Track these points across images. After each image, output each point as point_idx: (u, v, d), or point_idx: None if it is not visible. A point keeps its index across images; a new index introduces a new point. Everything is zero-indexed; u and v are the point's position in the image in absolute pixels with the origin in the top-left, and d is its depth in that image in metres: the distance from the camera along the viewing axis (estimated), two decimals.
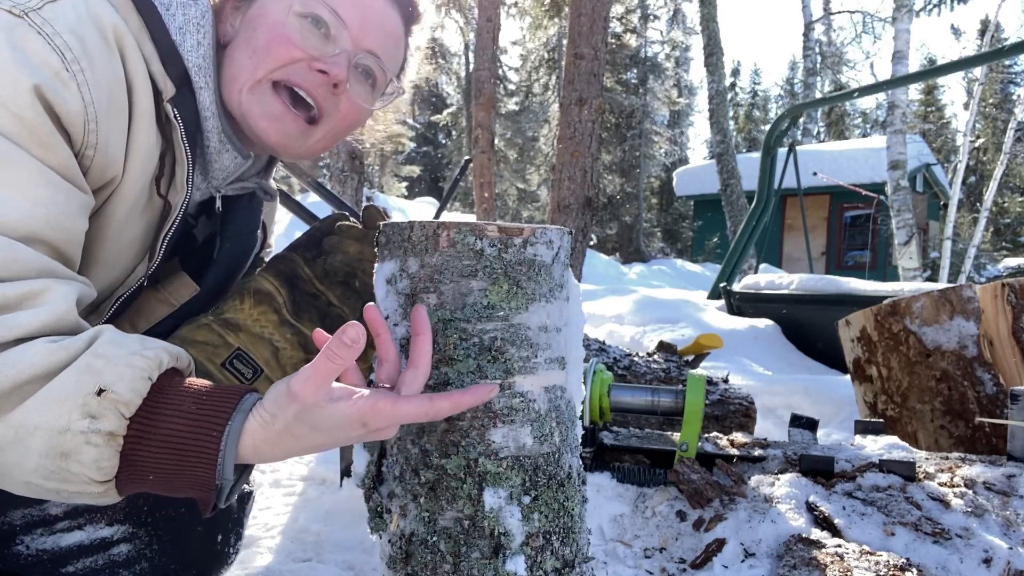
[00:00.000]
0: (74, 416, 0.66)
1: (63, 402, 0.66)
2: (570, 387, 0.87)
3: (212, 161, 1.03)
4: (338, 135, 1.08)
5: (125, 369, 0.68)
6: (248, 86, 0.98)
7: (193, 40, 0.95)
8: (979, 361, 1.99)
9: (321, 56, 0.98)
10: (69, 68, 0.80)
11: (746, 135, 33.07)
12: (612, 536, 1.37)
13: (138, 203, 0.94)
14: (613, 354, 2.36)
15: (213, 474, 0.70)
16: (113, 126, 0.85)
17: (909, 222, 9.30)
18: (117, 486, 0.70)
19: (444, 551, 0.79)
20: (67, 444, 0.66)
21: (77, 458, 0.67)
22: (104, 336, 0.72)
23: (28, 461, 0.67)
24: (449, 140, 24.45)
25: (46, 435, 0.66)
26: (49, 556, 0.98)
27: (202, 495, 0.72)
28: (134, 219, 0.95)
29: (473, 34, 10.62)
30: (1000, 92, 23.47)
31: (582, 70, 3.97)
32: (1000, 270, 16.05)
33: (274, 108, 0.99)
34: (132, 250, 0.98)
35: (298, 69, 0.98)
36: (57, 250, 0.79)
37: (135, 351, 0.71)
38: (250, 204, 1.17)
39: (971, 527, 1.24)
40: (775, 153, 5.40)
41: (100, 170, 0.86)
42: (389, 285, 0.83)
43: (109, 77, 0.84)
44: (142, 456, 0.69)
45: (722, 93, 13.48)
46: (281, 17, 0.97)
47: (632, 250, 18.68)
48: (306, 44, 0.98)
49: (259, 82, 0.98)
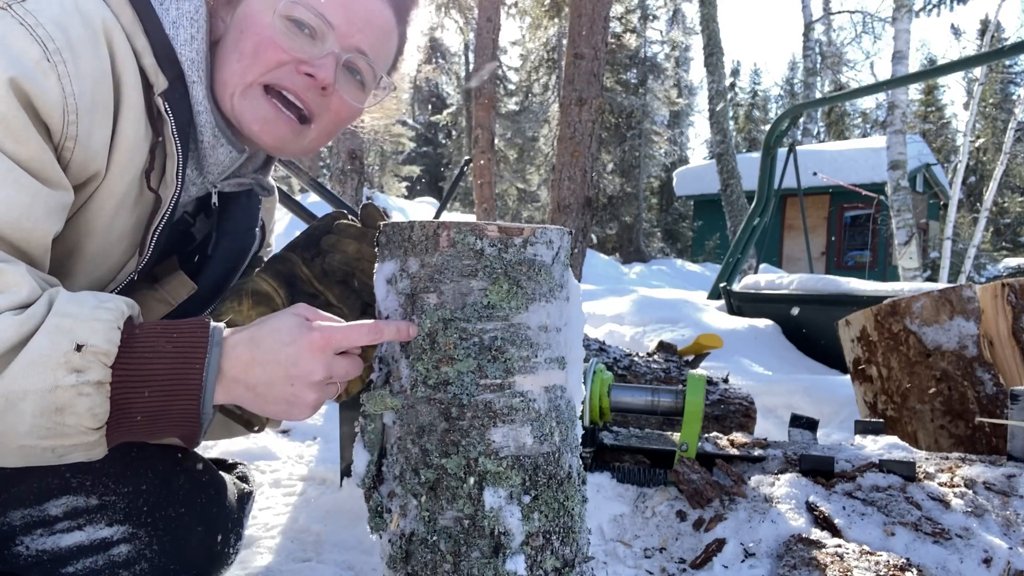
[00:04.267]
0: (59, 373, 0.70)
1: (45, 363, 0.70)
2: (570, 387, 0.87)
3: (207, 156, 1.02)
4: (332, 132, 1.09)
5: (95, 323, 0.72)
6: (239, 90, 0.98)
7: (186, 34, 0.95)
8: (979, 361, 1.99)
9: (308, 58, 0.98)
10: (50, 59, 0.79)
11: (746, 135, 33.07)
12: (612, 536, 1.37)
13: (127, 197, 0.93)
14: (613, 354, 2.36)
15: (199, 407, 0.76)
16: (96, 120, 0.85)
17: (909, 222, 9.30)
18: (107, 434, 0.74)
19: (444, 551, 0.79)
20: (60, 399, 0.70)
21: (72, 410, 0.71)
22: (60, 297, 0.75)
23: (21, 424, 0.71)
24: (449, 140, 24.45)
25: (36, 396, 0.70)
26: (49, 557, 0.97)
27: (187, 431, 0.77)
28: (124, 213, 0.94)
29: (473, 34, 10.63)
30: (1000, 92, 23.46)
31: (582, 70, 3.97)
32: (1000, 270, 16.05)
33: (266, 111, 0.99)
34: (122, 244, 0.97)
35: (286, 72, 0.99)
36: (17, 248, 0.79)
37: (96, 305, 0.74)
38: (248, 202, 1.17)
39: (971, 527, 1.24)
40: (775, 153, 5.40)
41: (81, 164, 0.85)
42: (389, 285, 0.83)
43: (94, 70, 0.84)
44: (129, 399, 0.73)
45: (722, 93, 13.48)
46: (266, 19, 0.97)
47: (632, 250, 18.68)
48: (291, 47, 0.98)
49: (249, 86, 0.98)
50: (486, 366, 0.79)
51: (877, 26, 15.69)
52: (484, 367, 0.78)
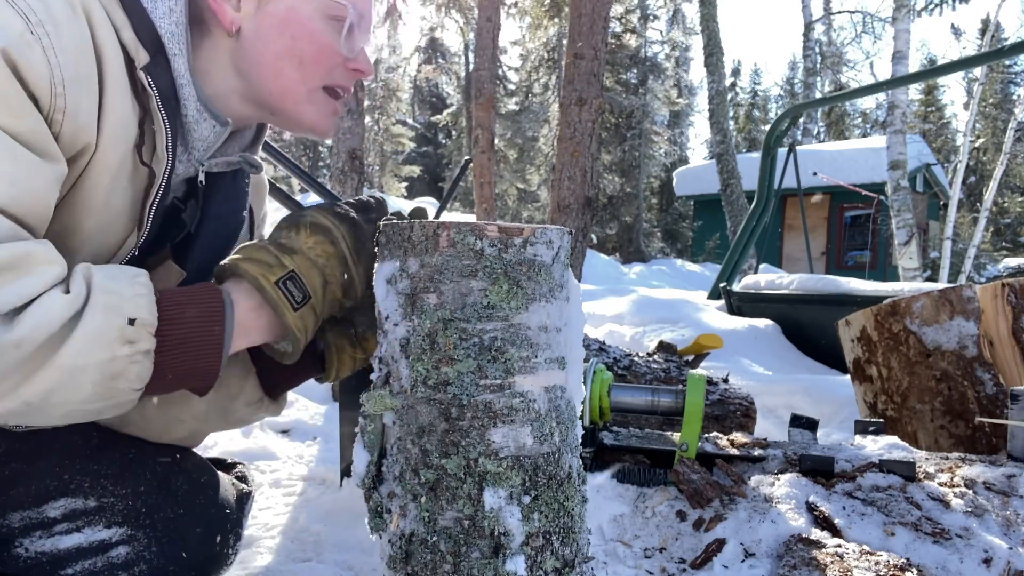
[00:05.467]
0: (115, 346, 0.78)
1: (102, 338, 0.77)
2: (570, 387, 0.87)
3: (191, 130, 1.01)
4: None
5: (137, 299, 0.81)
6: (304, 96, 1.05)
7: (165, 7, 0.94)
8: (979, 361, 1.99)
9: (352, 55, 1.07)
10: (34, 31, 0.79)
11: (746, 135, 33.07)
12: (612, 536, 1.37)
13: (122, 171, 0.93)
14: (613, 354, 2.35)
15: (219, 363, 0.87)
16: (82, 92, 0.85)
17: (909, 222, 9.30)
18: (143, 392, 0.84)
19: (444, 551, 0.79)
20: (116, 368, 0.79)
21: (125, 376, 0.80)
22: (96, 275, 0.81)
23: (81, 393, 0.79)
24: (449, 140, 24.44)
25: (96, 367, 0.78)
26: (48, 559, 0.97)
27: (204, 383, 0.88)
28: (120, 188, 0.94)
29: (473, 34, 10.62)
30: (1000, 92, 23.47)
31: (582, 70, 3.97)
32: (1000, 270, 16.07)
33: (330, 110, 1.09)
34: (121, 220, 0.97)
35: (339, 74, 1.07)
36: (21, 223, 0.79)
37: (131, 280, 0.82)
38: (234, 183, 1.15)
39: (971, 527, 1.24)
40: (775, 153, 5.40)
41: (71, 136, 0.85)
42: (389, 285, 0.83)
43: (76, 42, 0.84)
44: (165, 361, 0.83)
45: (722, 93, 13.47)
46: (317, 25, 1.02)
47: (632, 250, 18.69)
48: (342, 48, 1.05)
49: (312, 91, 1.05)
50: (486, 366, 0.78)
51: (877, 26, 15.70)
52: (484, 367, 0.78)
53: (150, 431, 1.08)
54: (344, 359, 1.10)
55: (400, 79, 20.44)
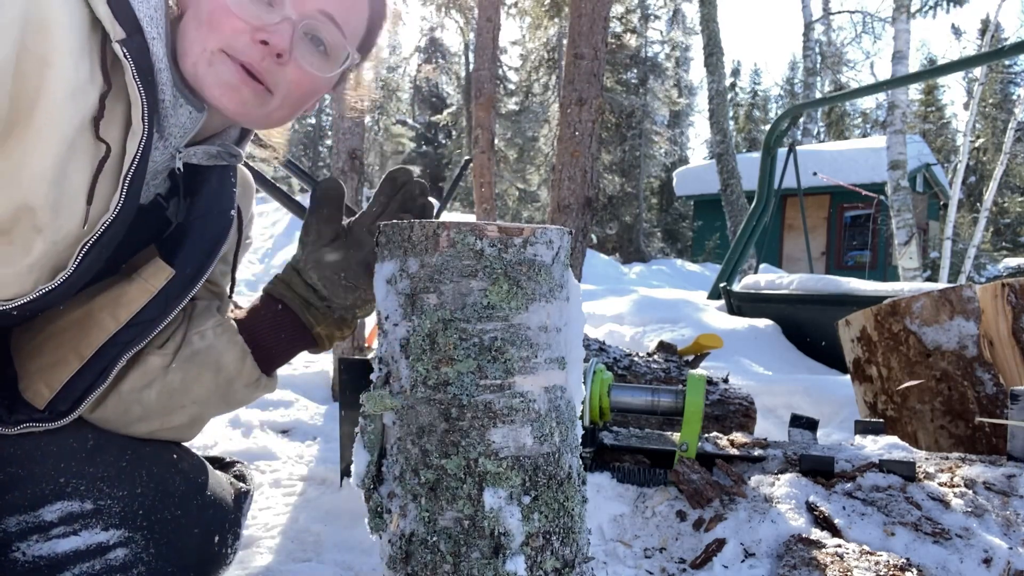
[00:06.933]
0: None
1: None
2: (570, 387, 0.87)
3: (167, 116, 0.99)
4: (296, 105, 1.07)
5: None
6: (204, 59, 0.97)
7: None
8: (979, 361, 1.99)
9: (263, 25, 0.96)
10: None
11: (746, 135, 33.08)
12: (612, 536, 1.37)
13: (75, 148, 0.90)
14: (613, 354, 2.35)
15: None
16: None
17: (909, 222, 9.30)
18: None
19: (444, 551, 0.79)
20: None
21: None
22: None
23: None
24: (449, 140, 24.44)
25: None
26: (46, 562, 0.97)
27: None
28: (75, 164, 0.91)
29: (473, 34, 10.61)
30: (1000, 92, 23.46)
31: (582, 70, 3.97)
32: (1000, 270, 16.07)
33: (230, 77, 0.98)
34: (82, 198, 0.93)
35: (244, 43, 0.97)
36: None
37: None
38: (220, 183, 1.14)
39: (971, 527, 1.24)
40: (775, 153, 5.41)
41: None
42: (389, 285, 0.83)
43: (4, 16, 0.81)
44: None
45: (722, 93, 13.47)
46: None
47: (632, 250, 18.69)
48: (246, 14, 0.95)
49: (212, 54, 0.97)
50: (486, 366, 0.78)
51: (877, 26, 15.71)
52: (484, 367, 0.78)
53: (151, 418, 1.07)
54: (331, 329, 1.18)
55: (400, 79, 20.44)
